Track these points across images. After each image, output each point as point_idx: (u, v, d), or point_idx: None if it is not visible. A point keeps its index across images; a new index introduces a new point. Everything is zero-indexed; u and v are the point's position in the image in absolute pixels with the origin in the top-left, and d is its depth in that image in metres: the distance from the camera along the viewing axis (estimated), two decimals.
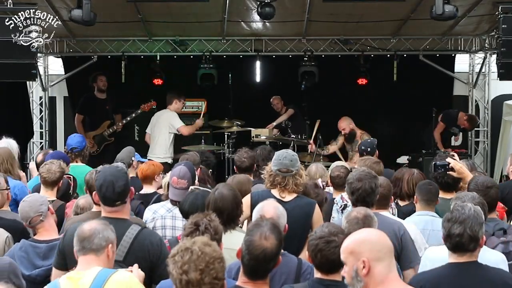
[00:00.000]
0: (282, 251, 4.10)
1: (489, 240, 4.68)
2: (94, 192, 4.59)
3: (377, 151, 8.19)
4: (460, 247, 3.85)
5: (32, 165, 8.09)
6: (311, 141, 10.88)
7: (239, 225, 4.76)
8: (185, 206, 4.95)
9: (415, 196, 5.78)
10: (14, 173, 6.78)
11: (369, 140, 8.47)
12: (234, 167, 7.25)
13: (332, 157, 10.78)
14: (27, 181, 7.66)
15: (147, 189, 6.90)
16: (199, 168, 6.83)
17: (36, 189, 6.35)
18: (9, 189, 5.82)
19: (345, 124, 10.82)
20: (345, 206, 5.97)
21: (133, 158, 7.67)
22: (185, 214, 4.94)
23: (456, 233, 3.83)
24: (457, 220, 3.86)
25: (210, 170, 7.69)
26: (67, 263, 4.19)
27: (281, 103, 12.11)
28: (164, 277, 3.96)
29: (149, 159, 9.84)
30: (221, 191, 4.72)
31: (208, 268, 3.16)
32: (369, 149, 8.23)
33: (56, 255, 4.36)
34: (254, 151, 7.47)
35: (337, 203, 6.22)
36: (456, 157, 6.06)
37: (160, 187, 6.56)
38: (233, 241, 4.23)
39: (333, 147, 11.16)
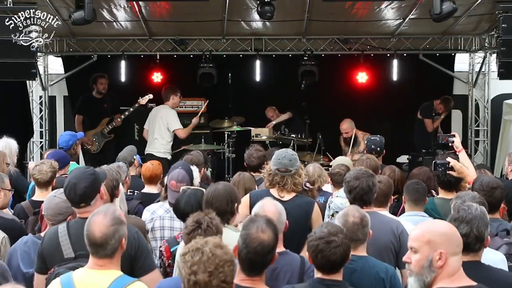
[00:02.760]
0: (284, 249, 4.12)
1: (493, 240, 4.66)
2: None
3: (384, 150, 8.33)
4: (466, 247, 3.81)
5: (31, 165, 8.08)
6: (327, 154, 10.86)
7: (235, 225, 4.75)
8: (181, 206, 4.95)
9: (403, 197, 5.77)
10: None
11: (378, 139, 8.45)
12: (245, 164, 7.25)
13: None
14: (26, 181, 7.67)
15: (150, 189, 6.88)
16: (202, 168, 6.84)
17: (33, 191, 6.35)
18: (12, 190, 5.82)
19: (348, 127, 10.78)
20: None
21: (134, 157, 7.67)
22: (180, 214, 4.95)
23: (463, 233, 3.77)
24: (464, 220, 3.84)
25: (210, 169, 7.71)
26: (47, 267, 4.15)
27: (276, 112, 12.04)
28: (145, 268, 4.03)
29: (147, 154, 9.88)
30: (217, 187, 4.73)
31: (217, 271, 3.16)
32: (378, 149, 8.24)
33: (36, 259, 4.31)
34: (264, 149, 7.49)
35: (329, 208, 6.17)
36: (457, 141, 6.04)
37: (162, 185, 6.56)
38: (223, 238, 4.22)
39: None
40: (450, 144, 6.08)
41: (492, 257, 4.28)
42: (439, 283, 3.34)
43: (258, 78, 12.23)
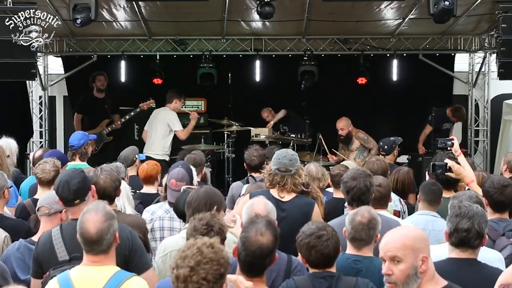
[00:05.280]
0: None
1: (499, 240, 4.68)
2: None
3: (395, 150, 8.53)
4: (466, 243, 3.87)
5: (32, 156, 8.11)
6: (328, 155, 10.81)
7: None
8: (180, 206, 4.95)
9: (418, 196, 5.78)
10: (3, 171, 6.75)
11: (391, 139, 8.56)
12: (244, 164, 7.24)
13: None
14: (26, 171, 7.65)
15: (148, 189, 6.88)
16: (203, 169, 6.83)
17: (33, 190, 6.34)
18: (11, 187, 5.82)
19: (345, 125, 10.79)
20: None
21: (136, 156, 7.68)
22: (180, 214, 4.96)
23: (464, 228, 3.84)
24: (466, 216, 3.87)
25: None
26: (43, 271, 4.15)
27: (272, 112, 11.97)
28: (140, 267, 4.05)
29: (146, 156, 9.88)
30: (199, 189, 4.73)
31: (199, 267, 3.11)
32: (386, 147, 8.28)
33: (32, 263, 4.31)
34: (264, 149, 7.48)
35: None
36: (456, 145, 6.03)
37: (161, 185, 6.56)
38: None
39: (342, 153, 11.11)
40: (448, 148, 6.08)
41: (489, 255, 4.29)
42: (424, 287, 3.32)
43: (258, 78, 12.23)
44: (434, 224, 5.43)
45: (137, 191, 6.99)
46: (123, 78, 12.07)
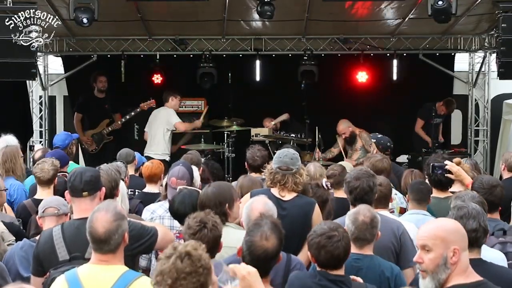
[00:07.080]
0: None
1: (488, 240, 4.68)
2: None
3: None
4: (475, 242, 3.87)
5: (37, 147, 8.14)
6: (316, 149, 10.79)
7: (237, 222, 4.77)
8: (174, 206, 4.97)
9: (407, 195, 5.78)
10: (16, 173, 6.78)
11: (385, 136, 8.50)
12: (246, 164, 7.23)
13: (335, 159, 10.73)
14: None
15: (151, 188, 6.87)
16: (201, 168, 6.83)
17: (33, 189, 6.34)
18: (6, 189, 5.82)
19: (345, 128, 10.75)
20: None
21: (134, 156, 7.68)
22: (174, 214, 4.98)
23: (473, 228, 3.85)
24: (471, 216, 3.89)
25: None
26: (44, 269, 4.16)
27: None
28: (149, 248, 4.35)
29: (146, 156, 9.90)
30: (206, 190, 4.77)
31: (176, 285, 2.97)
32: (392, 146, 8.23)
33: (32, 261, 4.32)
34: (266, 150, 7.47)
35: None
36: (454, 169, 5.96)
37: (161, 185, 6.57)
38: (224, 236, 4.21)
39: (336, 149, 11.13)
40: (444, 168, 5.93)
41: (493, 256, 4.30)
42: (453, 280, 3.36)
43: (258, 78, 12.22)
44: (424, 222, 5.42)
45: (138, 191, 7.00)
46: (123, 78, 12.07)
